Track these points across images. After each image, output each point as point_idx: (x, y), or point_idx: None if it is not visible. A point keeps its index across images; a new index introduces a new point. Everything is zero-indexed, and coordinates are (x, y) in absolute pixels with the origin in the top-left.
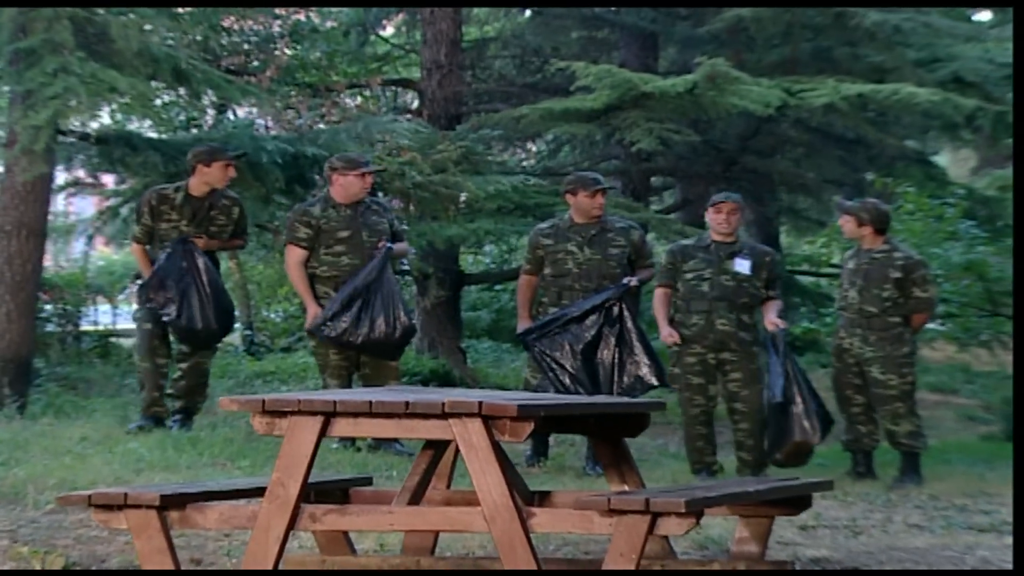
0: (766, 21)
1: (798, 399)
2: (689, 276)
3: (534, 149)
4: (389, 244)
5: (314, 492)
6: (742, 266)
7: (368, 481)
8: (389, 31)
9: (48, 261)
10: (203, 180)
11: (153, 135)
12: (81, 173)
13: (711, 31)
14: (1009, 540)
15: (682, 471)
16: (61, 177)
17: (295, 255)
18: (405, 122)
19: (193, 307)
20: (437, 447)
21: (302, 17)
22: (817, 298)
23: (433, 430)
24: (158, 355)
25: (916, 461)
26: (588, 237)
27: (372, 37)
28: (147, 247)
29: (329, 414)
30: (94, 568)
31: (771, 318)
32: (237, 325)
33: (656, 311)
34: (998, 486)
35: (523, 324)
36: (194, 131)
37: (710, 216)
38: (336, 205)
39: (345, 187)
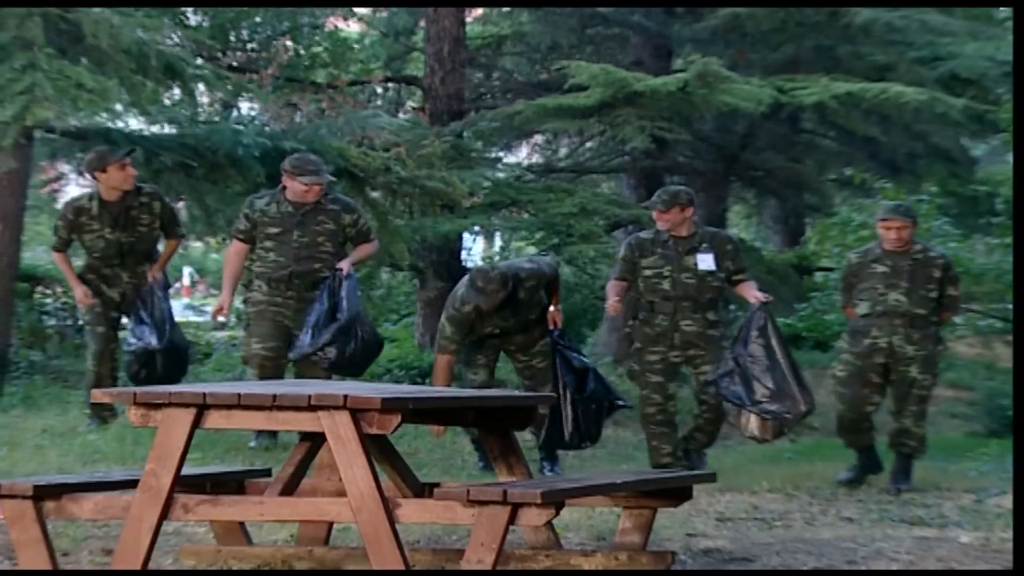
0: (760, 18)
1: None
2: (648, 273)
3: (551, 146)
4: (350, 273)
5: (210, 483)
6: (705, 262)
7: (267, 473)
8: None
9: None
10: (108, 186)
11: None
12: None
13: (708, 27)
14: (922, 532)
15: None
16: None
17: (233, 246)
18: (387, 117)
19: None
20: (313, 439)
21: (305, 18)
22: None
23: (303, 422)
24: (113, 359)
25: (911, 463)
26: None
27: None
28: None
29: (200, 406)
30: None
31: (755, 293)
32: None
33: (608, 293)
34: (953, 481)
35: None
36: (174, 128)
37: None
38: (281, 201)
39: (291, 189)
